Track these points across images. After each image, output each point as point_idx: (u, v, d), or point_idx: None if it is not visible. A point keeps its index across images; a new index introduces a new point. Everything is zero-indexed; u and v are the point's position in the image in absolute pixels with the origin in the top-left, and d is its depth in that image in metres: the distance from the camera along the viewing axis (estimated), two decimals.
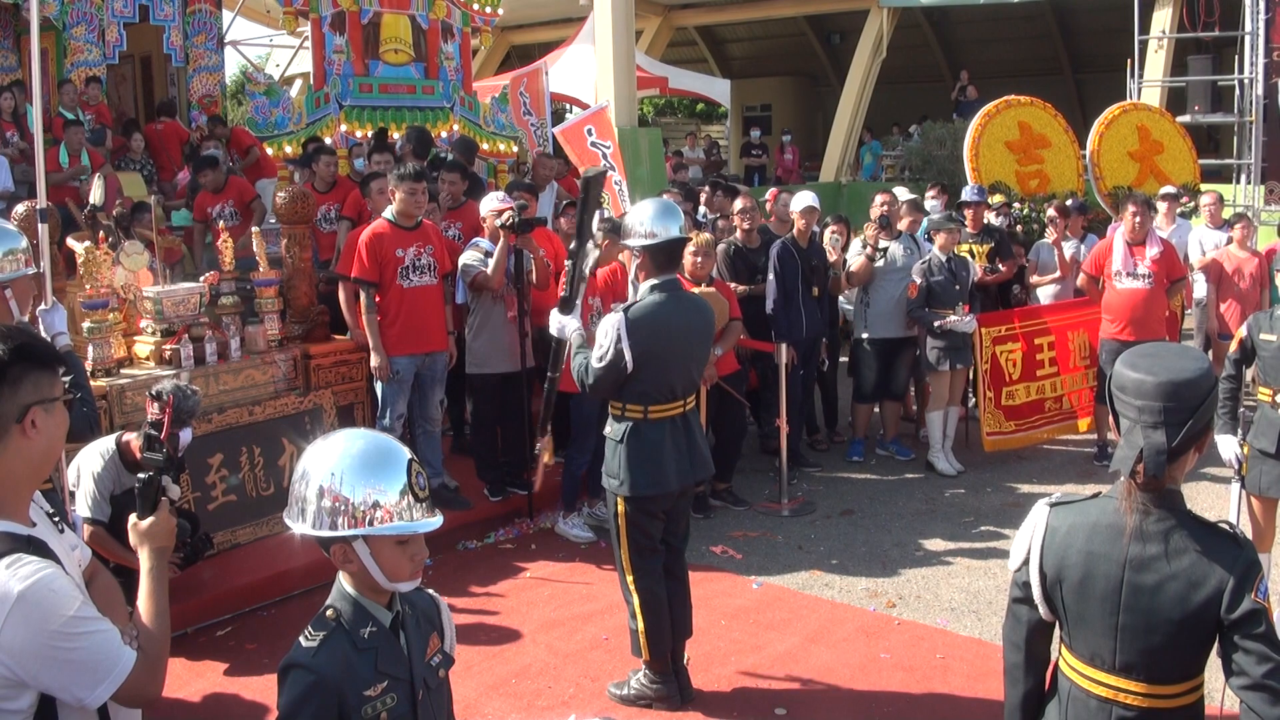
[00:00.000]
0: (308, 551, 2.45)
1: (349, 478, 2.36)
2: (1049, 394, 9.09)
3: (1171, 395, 2.55)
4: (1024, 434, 8.97)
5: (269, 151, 10.51)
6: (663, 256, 4.95)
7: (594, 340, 4.93)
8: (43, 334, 4.73)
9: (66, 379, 4.42)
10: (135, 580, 2.54)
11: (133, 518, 2.57)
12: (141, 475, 2.59)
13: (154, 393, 5.33)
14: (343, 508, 2.35)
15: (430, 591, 2.71)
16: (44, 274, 5.03)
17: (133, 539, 2.56)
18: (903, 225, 8.90)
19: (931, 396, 8.71)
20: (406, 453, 2.45)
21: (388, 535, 2.37)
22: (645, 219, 4.92)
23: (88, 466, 5.46)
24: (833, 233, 9.06)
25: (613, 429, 5.02)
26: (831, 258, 8.85)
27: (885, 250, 8.64)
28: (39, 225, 5.10)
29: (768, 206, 9.14)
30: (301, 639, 2.41)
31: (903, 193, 10.67)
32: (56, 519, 2.53)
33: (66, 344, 4.76)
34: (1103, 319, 8.37)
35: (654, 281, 4.94)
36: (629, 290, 6.20)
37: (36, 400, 2.33)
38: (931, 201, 11.08)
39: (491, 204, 7.46)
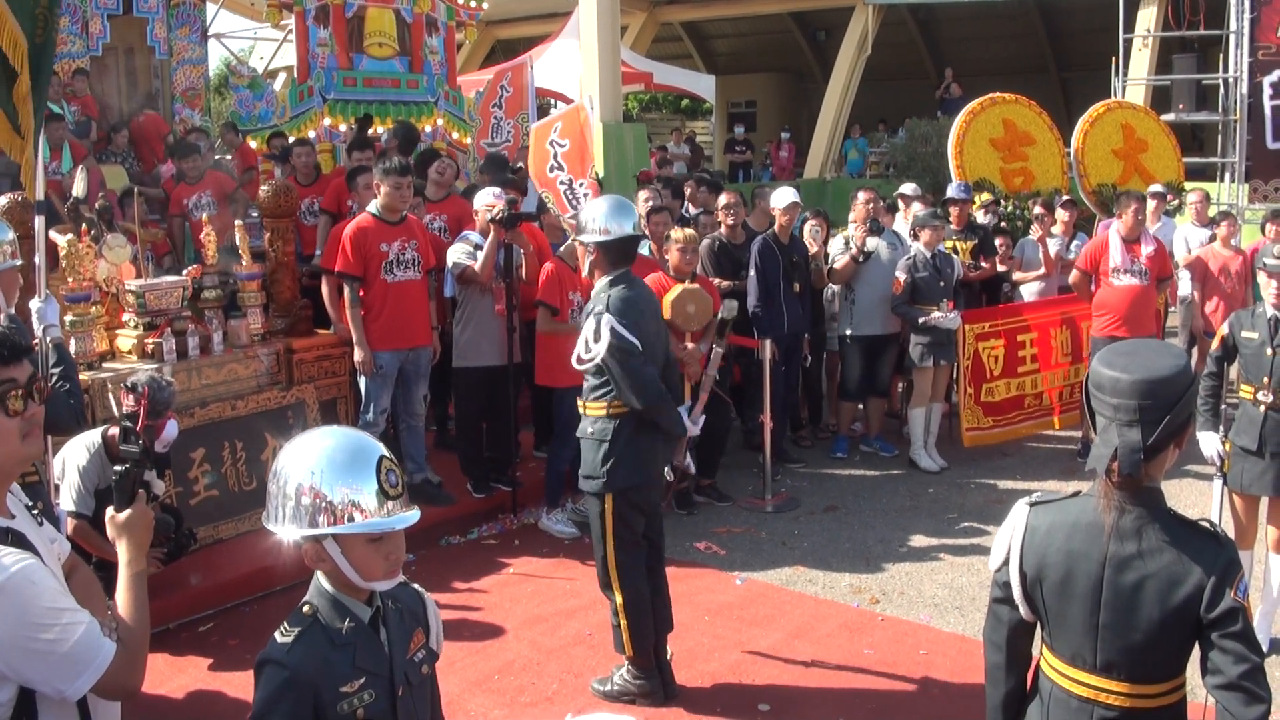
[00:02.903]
0: (291, 547, 2.43)
1: (324, 476, 2.33)
2: (1029, 390, 9.13)
3: (1147, 393, 2.54)
4: (1001, 430, 9.01)
5: (252, 145, 10.48)
6: (615, 253, 4.98)
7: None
8: (35, 327, 4.72)
9: (56, 370, 4.44)
10: (117, 575, 2.53)
11: (110, 511, 2.55)
12: (118, 468, 2.57)
13: (128, 385, 5.31)
14: (322, 506, 2.32)
15: (416, 586, 2.68)
16: (39, 266, 5.02)
17: (110, 532, 2.54)
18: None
19: (915, 393, 8.72)
20: (378, 450, 2.41)
21: (358, 534, 2.35)
22: (598, 216, 4.97)
23: (73, 459, 5.44)
24: (812, 226, 9.07)
25: (598, 428, 4.97)
26: (812, 250, 8.86)
27: (870, 254, 8.64)
28: (35, 218, 5.08)
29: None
30: (277, 634, 2.39)
31: (908, 188, 10.74)
32: (35, 512, 2.52)
33: (57, 336, 4.75)
34: (1095, 316, 8.37)
35: (610, 276, 4.97)
36: None
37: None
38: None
39: (485, 198, 7.44)
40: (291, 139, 10.19)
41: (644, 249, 7.33)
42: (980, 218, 10.42)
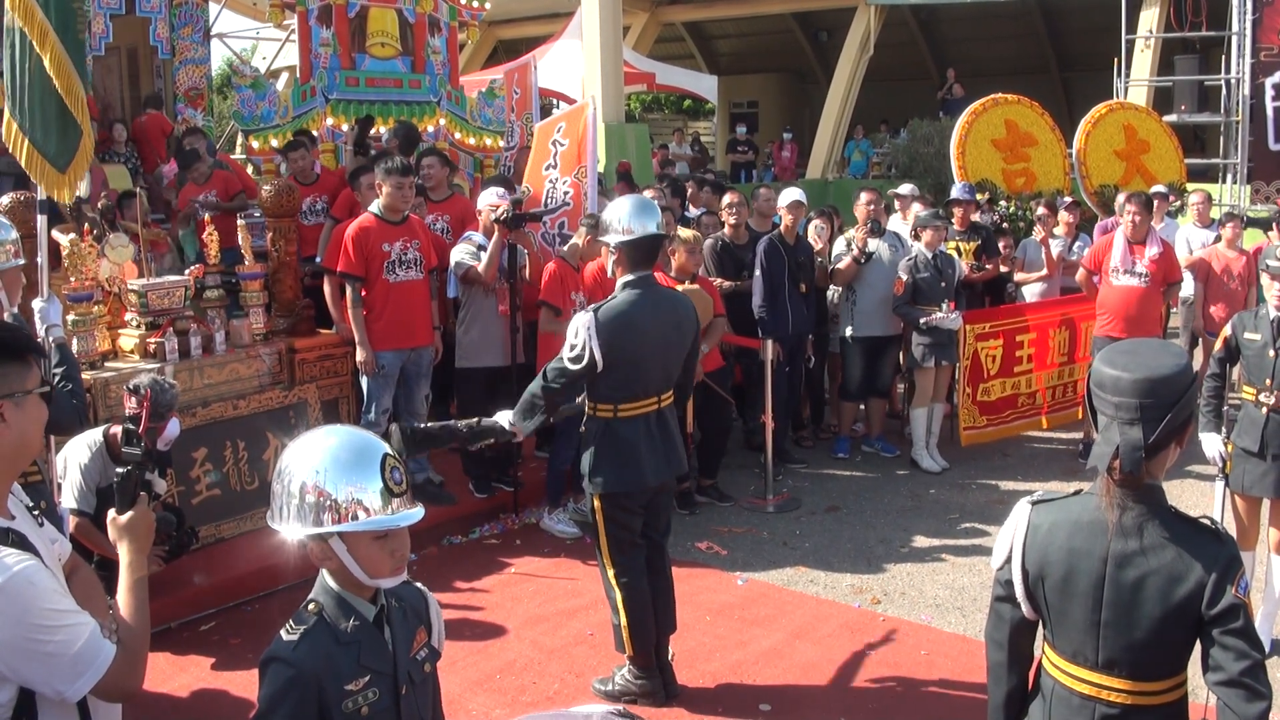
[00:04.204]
0: (293, 546, 2.43)
1: (329, 474, 2.34)
2: (1023, 389, 9.14)
3: (1148, 392, 2.54)
4: (996, 429, 9.03)
5: (254, 145, 10.48)
6: (639, 253, 4.92)
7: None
8: (37, 326, 4.73)
9: (59, 369, 4.45)
10: (118, 574, 2.53)
11: (111, 512, 2.56)
12: (120, 469, 2.58)
13: (131, 387, 5.32)
14: (327, 504, 2.33)
15: (419, 585, 2.69)
16: (42, 266, 5.02)
17: (111, 534, 2.54)
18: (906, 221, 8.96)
19: (916, 393, 8.72)
20: (382, 448, 2.43)
21: (364, 531, 2.36)
22: (622, 215, 4.91)
23: (75, 458, 5.44)
24: (817, 224, 9.07)
25: (588, 425, 5.01)
26: (817, 246, 8.86)
27: (871, 255, 8.63)
28: (38, 217, 5.07)
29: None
30: (282, 632, 2.40)
31: (905, 188, 10.73)
32: (36, 512, 2.52)
33: (60, 336, 4.76)
34: (1097, 315, 8.37)
35: (628, 278, 4.92)
36: None
37: (5, 393, 2.32)
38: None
39: (489, 198, 7.44)
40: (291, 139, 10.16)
41: None
42: (976, 218, 10.41)
